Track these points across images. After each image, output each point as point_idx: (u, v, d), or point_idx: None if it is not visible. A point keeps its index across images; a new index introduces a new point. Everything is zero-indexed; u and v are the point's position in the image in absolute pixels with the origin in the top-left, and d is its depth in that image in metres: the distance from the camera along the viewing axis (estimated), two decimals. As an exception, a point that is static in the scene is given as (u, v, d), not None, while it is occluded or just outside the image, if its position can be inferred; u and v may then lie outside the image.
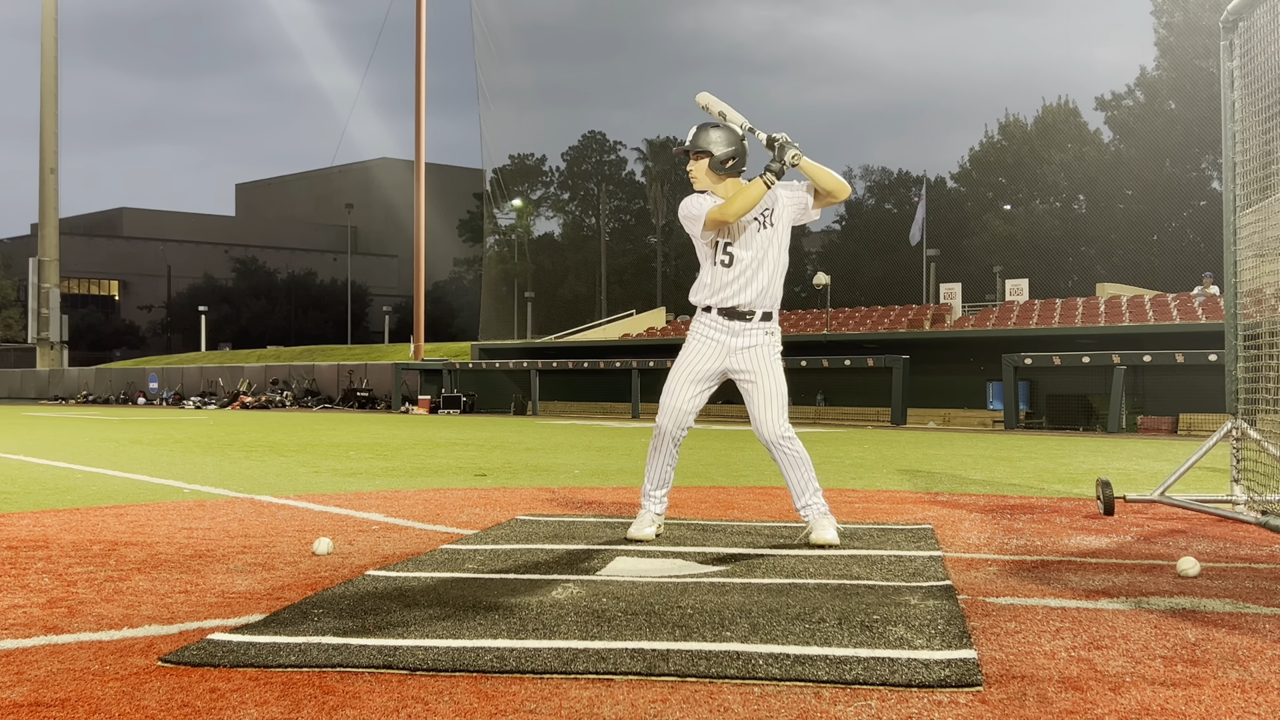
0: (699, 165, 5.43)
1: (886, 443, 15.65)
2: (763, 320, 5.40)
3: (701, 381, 5.46)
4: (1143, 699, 2.84)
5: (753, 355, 5.38)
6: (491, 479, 9.29)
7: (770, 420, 5.33)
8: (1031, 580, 4.54)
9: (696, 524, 6.17)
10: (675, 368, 5.52)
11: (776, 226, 5.39)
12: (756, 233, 5.35)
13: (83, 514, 6.73)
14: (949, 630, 3.53)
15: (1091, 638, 3.50)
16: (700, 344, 5.46)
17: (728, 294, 5.38)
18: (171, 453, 12.95)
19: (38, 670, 3.12)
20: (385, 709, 2.76)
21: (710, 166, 5.40)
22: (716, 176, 5.42)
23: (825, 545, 5.26)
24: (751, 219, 5.35)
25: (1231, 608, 3.98)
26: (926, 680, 2.98)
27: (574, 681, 3.01)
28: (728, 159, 5.38)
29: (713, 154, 5.38)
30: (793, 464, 5.38)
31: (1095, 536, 5.85)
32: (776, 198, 5.40)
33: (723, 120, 5.49)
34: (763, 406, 5.35)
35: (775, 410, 5.34)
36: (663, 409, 5.53)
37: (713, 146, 5.39)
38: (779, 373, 5.40)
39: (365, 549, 5.32)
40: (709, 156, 5.39)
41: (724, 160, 5.38)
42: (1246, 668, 3.15)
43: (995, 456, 12.39)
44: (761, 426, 5.37)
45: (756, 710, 2.76)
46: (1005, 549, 5.39)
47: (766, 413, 5.34)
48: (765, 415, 5.35)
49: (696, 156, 5.43)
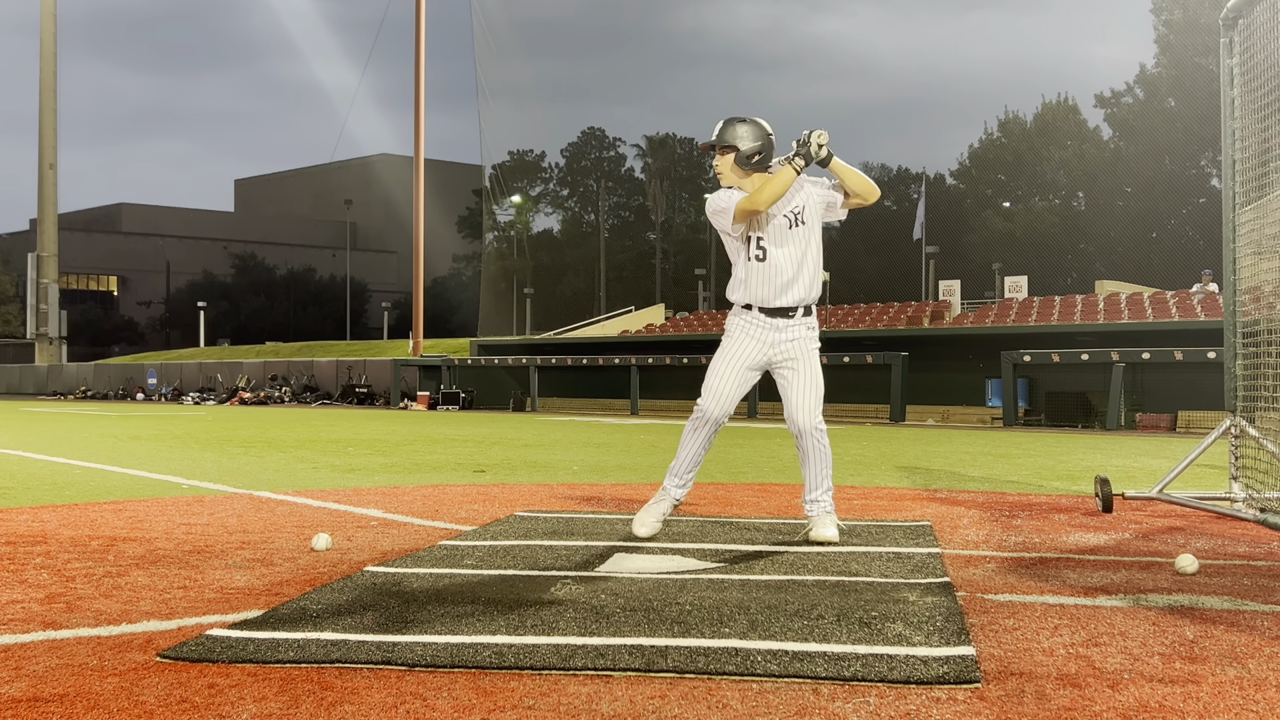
0: (725, 160, 5.37)
1: (885, 439, 15.65)
2: (804, 316, 5.40)
3: (749, 370, 5.41)
4: (1141, 696, 2.85)
5: (795, 346, 5.36)
6: (490, 475, 9.29)
7: (808, 408, 5.32)
8: (1030, 577, 4.54)
9: (695, 520, 6.16)
10: (721, 355, 5.45)
11: (808, 224, 5.34)
12: (788, 230, 5.30)
13: (81, 509, 6.73)
14: (947, 627, 3.53)
15: (1090, 635, 3.50)
16: (745, 336, 5.40)
17: (767, 294, 5.34)
18: (170, 448, 12.95)
19: (36, 665, 3.12)
20: (384, 705, 2.76)
21: (736, 161, 5.34)
22: (743, 172, 5.36)
23: (825, 542, 5.26)
24: (782, 216, 5.30)
25: (1230, 605, 3.98)
26: (925, 677, 2.98)
27: (572, 677, 3.01)
28: (754, 154, 5.32)
29: (739, 149, 5.33)
30: (818, 457, 5.37)
31: (1094, 534, 5.85)
32: (807, 195, 5.36)
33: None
34: (801, 394, 5.33)
35: (814, 399, 5.34)
36: (709, 392, 5.42)
37: (739, 141, 5.33)
38: (818, 363, 5.40)
39: (364, 545, 5.32)
40: (735, 151, 5.34)
41: (750, 155, 5.32)
42: (1244, 665, 3.16)
43: (994, 454, 12.39)
44: (798, 414, 5.33)
45: (754, 707, 2.76)
46: (1004, 546, 5.39)
47: (805, 400, 5.32)
48: (803, 403, 5.33)
49: (723, 151, 5.37)
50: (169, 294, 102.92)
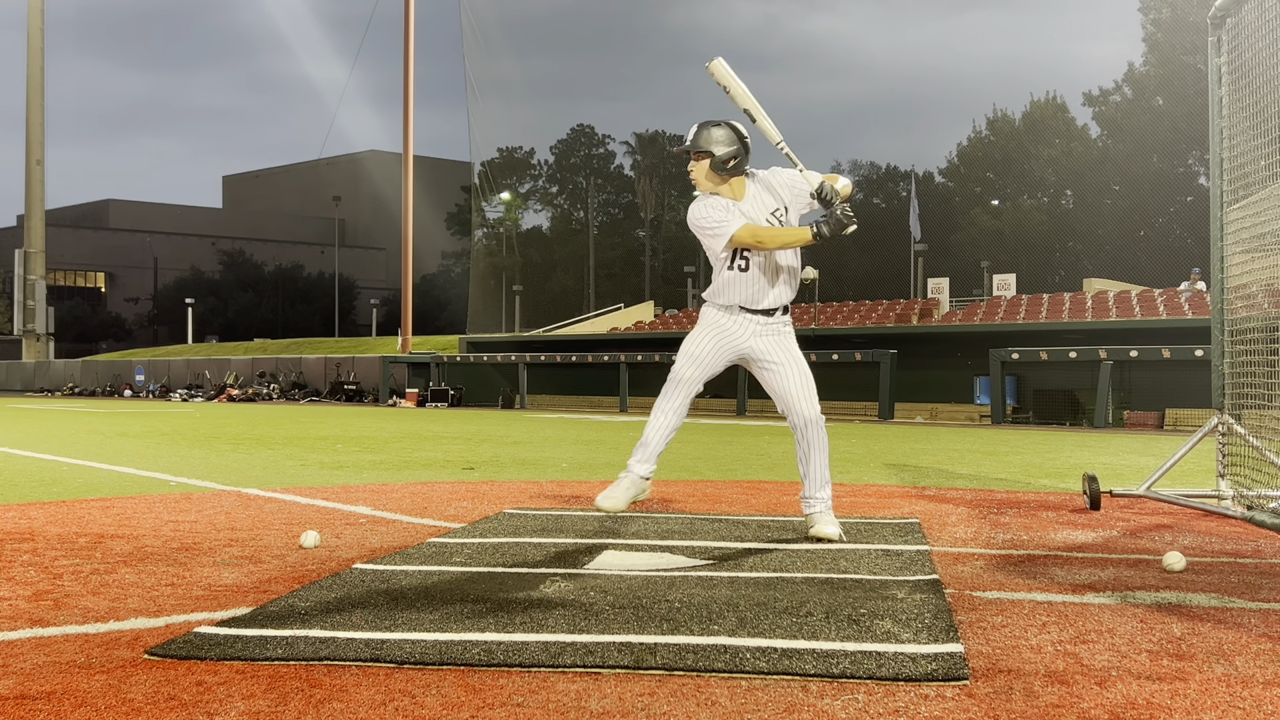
0: (700, 166, 5.31)
1: (874, 437, 15.67)
2: (782, 314, 5.41)
3: (724, 351, 5.38)
4: (1128, 693, 2.85)
5: (776, 341, 5.37)
6: (479, 472, 9.28)
7: (808, 400, 5.33)
8: (1018, 575, 4.55)
9: (684, 518, 6.17)
10: (699, 330, 5.43)
11: (787, 224, 5.34)
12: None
13: (69, 506, 6.70)
14: (936, 624, 3.53)
15: (1078, 632, 3.51)
16: (725, 317, 5.39)
17: (746, 298, 5.34)
18: (158, 445, 12.91)
19: (23, 663, 3.10)
20: (372, 702, 2.76)
21: (712, 167, 5.27)
22: (719, 177, 5.30)
23: (826, 540, 5.26)
24: (764, 221, 5.28)
25: (1217, 602, 3.99)
26: (914, 674, 2.98)
27: (561, 675, 3.01)
28: (729, 159, 5.25)
29: (714, 154, 5.25)
30: (819, 449, 5.38)
31: (1081, 531, 5.86)
32: (789, 198, 5.36)
33: (727, 94, 5.41)
34: (798, 386, 5.34)
35: (810, 389, 5.35)
36: (684, 355, 5.40)
37: (714, 146, 5.25)
38: (801, 355, 5.41)
39: (352, 542, 5.31)
40: (710, 157, 5.27)
41: (725, 161, 5.25)
42: (1232, 662, 3.17)
43: (982, 451, 12.42)
44: (802, 405, 5.34)
45: (744, 704, 2.77)
46: (992, 543, 5.40)
47: (804, 392, 5.34)
48: (802, 395, 5.34)
49: (698, 157, 5.31)
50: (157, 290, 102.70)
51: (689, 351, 5.43)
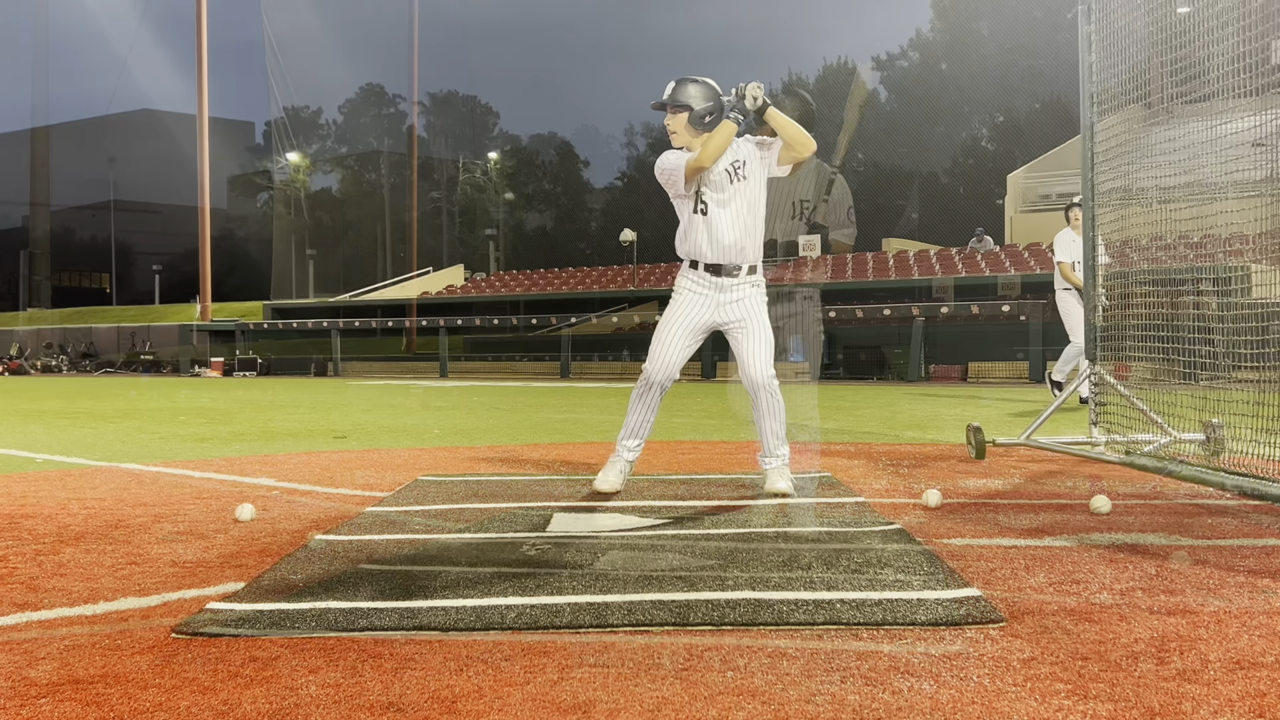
0: (678, 119, 5.45)
1: (704, 395, 15.94)
2: (749, 274, 5.49)
3: (693, 334, 5.56)
4: (1154, 627, 3.03)
5: (743, 306, 5.48)
6: (353, 441, 9.12)
7: (762, 363, 5.46)
8: (965, 522, 4.75)
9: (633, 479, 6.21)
10: (666, 319, 5.59)
11: (749, 180, 5.45)
12: (729, 184, 5.42)
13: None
14: (936, 571, 3.68)
15: (1065, 573, 3.71)
16: (691, 297, 5.53)
17: (707, 249, 5.46)
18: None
19: (47, 647, 2.96)
20: (448, 670, 2.73)
21: (690, 121, 5.42)
22: (695, 132, 5.43)
23: (781, 495, 5.43)
24: (722, 169, 5.41)
25: (1166, 541, 4.27)
26: (953, 618, 3.11)
27: (612, 633, 3.03)
28: (707, 114, 5.41)
29: (692, 108, 5.41)
30: (773, 411, 5.53)
31: (988, 479, 6.15)
32: (749, 151, 5.48)
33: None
34: (753, 350, 5.46)
35: (766, 354, 5.48)
36: (653, 358, 5.58)
37: (692, 101, 5.42)
38: (767, 320, 5.52)
39: (286, 515, 5.18)
40: (688, 111, 5.42)
41: (704, 115, 5.41)
42: (1222, 596, 3.39)
43: (830, 405, 12.79)
44: (751, 369, 5.48)
45: (814, 652, 2.83)
46: (915, 494, 5.59)
47: (757, 356, 5.46)
48: (756, 358, 5.46)
49: (675, 111, 5.45)
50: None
51: (656, 353, 5.59)
